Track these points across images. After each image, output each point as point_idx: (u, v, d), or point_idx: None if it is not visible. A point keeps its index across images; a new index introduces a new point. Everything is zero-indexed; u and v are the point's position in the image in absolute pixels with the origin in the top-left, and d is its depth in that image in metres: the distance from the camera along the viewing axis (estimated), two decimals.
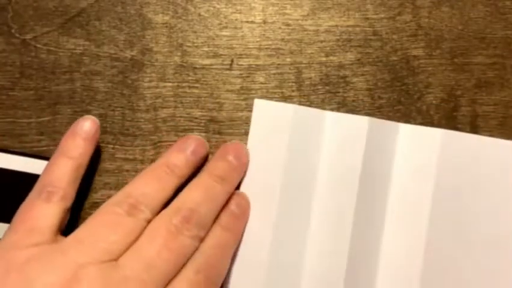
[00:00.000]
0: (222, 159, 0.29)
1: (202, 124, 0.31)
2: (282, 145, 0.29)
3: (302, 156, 0.29)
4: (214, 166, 0.28)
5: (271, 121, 0.30)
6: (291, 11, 0.32)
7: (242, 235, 0.29)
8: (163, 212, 0.27)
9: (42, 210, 0.26)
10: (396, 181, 0.30)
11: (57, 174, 0.27)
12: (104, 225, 0.26)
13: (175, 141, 0.30)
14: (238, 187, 0.29)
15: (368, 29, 0.31)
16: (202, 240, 0.27)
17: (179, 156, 0.28)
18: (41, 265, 0.24)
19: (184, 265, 0.26)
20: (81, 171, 0.28)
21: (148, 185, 0.27)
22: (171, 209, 0.27)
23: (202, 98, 0.31)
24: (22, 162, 0.30)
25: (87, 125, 0.28)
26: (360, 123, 0.29)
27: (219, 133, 0.31)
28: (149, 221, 0.26)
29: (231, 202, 0.28)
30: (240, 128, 0.31)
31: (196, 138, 0.29)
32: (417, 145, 0.30)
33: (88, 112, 0.31)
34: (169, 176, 0.27)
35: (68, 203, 0.27)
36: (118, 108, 0.31)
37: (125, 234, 0.25)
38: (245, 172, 0.29)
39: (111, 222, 0.26)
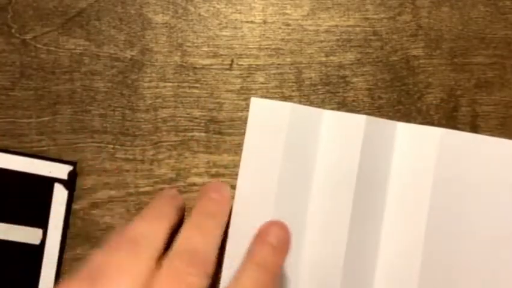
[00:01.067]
0: (205, 198, 0.28)
1: (202, 124, 0.31)
2: (279, 143, 0.29)
3: (299, 155, 0.29)
4: (199, 205, 0.28)
5: (268, 119, 0.30)
6: (291, 11, 0.32)
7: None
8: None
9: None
10: (394, 180, 0.30)
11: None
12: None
13: (175, 141, 0.30)
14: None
15: (368, 29, 0.31)
16: (210, 276, 0.25)
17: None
18: None
19: None
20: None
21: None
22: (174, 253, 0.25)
23: (202, 98, 0.31)
24: (22, 162, 0.30)
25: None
26: (358, 121, 0.29)
27: (219, 133, 0.31)
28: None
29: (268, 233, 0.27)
30: (240, 128, 0.31)
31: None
32: (416, 144, 0.30)
33: (88, 112, 0.31)
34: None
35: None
36: (118, 108, 0.31)
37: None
38: (241, 172, 0.30)
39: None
